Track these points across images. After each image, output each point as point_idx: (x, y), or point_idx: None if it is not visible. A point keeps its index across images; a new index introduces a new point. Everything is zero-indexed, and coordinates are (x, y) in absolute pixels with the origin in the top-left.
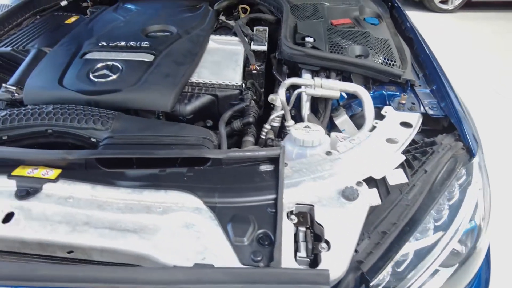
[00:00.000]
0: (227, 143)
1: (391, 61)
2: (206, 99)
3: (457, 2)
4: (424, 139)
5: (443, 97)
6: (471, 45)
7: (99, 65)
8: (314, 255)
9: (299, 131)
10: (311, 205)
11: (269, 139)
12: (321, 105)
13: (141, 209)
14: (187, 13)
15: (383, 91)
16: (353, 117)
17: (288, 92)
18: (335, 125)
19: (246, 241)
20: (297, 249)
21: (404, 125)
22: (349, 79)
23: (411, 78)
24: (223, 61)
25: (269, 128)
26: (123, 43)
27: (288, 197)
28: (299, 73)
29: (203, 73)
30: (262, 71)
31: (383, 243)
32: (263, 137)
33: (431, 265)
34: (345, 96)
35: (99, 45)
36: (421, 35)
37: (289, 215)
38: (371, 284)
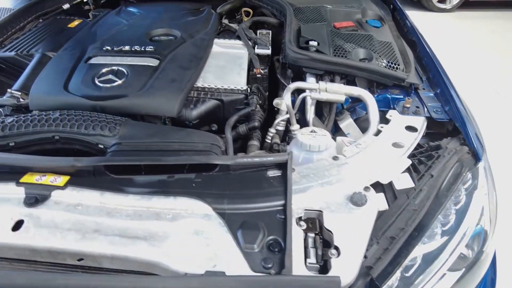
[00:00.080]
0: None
1: (394, 64)
2: (211, 104)
3: (455, 1)
4: (429, 143)
5: (447, 101)
6: (470, 45)
7: (104, 70)
8: (323, 261)
9: (305, 135)
10: (320, 211)
11: (275, 143)
12: (325, 109)
13: (150, 216)
14: (190, 17)
15: (387, 95)
16: (357, 120)
17: (292, 96)
18: (339, 128)
19: (256, 248)
20: (306, 255)
21: (409, 129)
22: (353, 82)
23: (415, 81)
24: (228, 65)
25: (274, 132)
26: (127, 48)
27: (296, 203)
28: (304, 77)
29: (208, 78)
30: (266, 75)
31: (391, 248)
32: (268, 141)
33: (439, 270)
34: (349, 99)
35: (104, 49)
36: (424, 38)
37: (298, 221)
38: None
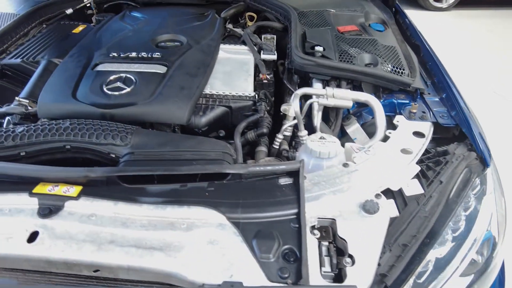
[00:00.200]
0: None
1: (400, 69)
2: (220, 110)
3: (451, 0)
4: (436, 148)
5: (453, 106)
6: (468, 44)
7: (112, 77)
8: (338, 270)
9: (315, 142)
10: (333, 219)
11: (284, 150)
12: (332, 114)
13: (165, 226)
14: (195, 22)
15: (393, 100)
16: (364, 125)
17: (299, 101)
18: (345, 133)
19: (272, 257)
20: (321, 264)
21: (416, 134)
22: (359, 87)
23: (420, 86)
24: (234, 71)
25: (281, 138)
26: (134, 54)
27: (309, 211)
28: (310, 82)
29: (216, 84)
30: (272, 81)
31: (404, 256)
32: (275, 147)
33: (451, 276)
34: (355, 104)
35: (110, 56)
36: (427, 42)
37: (311, 229)
38: None
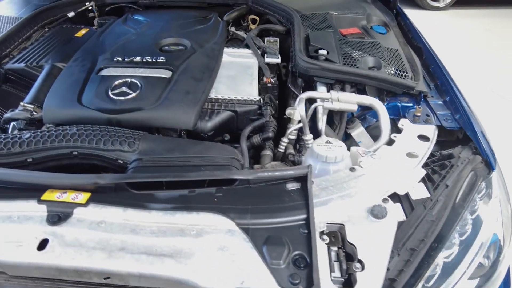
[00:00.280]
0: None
1: (403, 72)
2: (225, 115)
3: None
4: (441, 152)
5: (456, 109)
6: (465, 43)
7: (117, 82)
8: (347, 275)
9: (321, 146)
10: (342, 224)
11: (290, 154)
12: (336, 117)
13: (175, 232)
14: (198, 25)
15: (397, 103)
16: (368, 128)
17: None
18: (349, 136)
19: (282, 263)
20: (331, 269)
21: (421, 138)
22: (363, 91)
23: (423, 89)
24: (239, 75)
25: (287, 142)
26: (138, 58)
27: (318, 216)
28: (314, 86)
29: (221, 89)
30: (276, 84)
31: (413, 260)
32: (281, 151)
33: (459, 280)
34: (359, 107)
35: (114, 60)
36: (429, 44)
37: (320, 235)
38: None
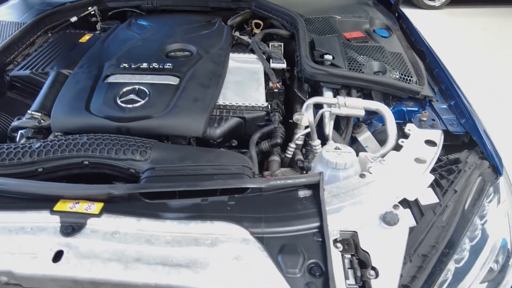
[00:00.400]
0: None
1: (408, 76)
2: (234, 121)
3: None
4: (447, 156)
5: (462, 113)
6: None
7: (125, 90)
8: (362, 282)
9: (330, 153)
10: (355, 231)
11: (299, 160)
12: (343, 122)
13: (189, 242)
14: (202, 30)
15: (402, 107)
16: (374, 132)
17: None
18: (355, 140)
19: (298, 272)
20: (345, 276)
21: (428, 143)
22: (369, 96)
23: (428, 94)
24: (245, 81)
25: (294, 147)
26: (145, 65)
27: (331, 224)
28: (320, 91)
29: (228, 95)
30: (282, 89)
31: (426, 266)
32: (288, 156)
33: (471, 285)
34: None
35: (121, 67)
36: (431, 47)
37: (334, 242)
38: None
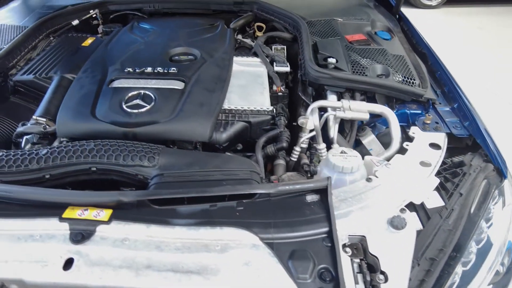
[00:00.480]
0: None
1: (410, 79)
2: (239, 126)
3: None
4: (452, 159)
5: (465, 116)
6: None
7: (131, 94)
8: (371, 286)
9: (336, 157)
10: (363, 236)
11: (305, 164)
12: (347, 125)
13: (199, 248)
14: (205, 34)
15: (406, 110)
16: (378, 135)
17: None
18: (359, 143)
19: (309, 278)
20: (355, 281)
21: (433, 146)
22: (373, 99)
23: (431, 96)
24: (250, 85)
25: (299, 150)
26: (149, 69)
27: (340, 229)
28: (324, 94)
29: (233, 99)
30: (287, 93)
31: (434, 270)
32: (293, 160)
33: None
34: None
35: (125, 71)
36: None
37: (343, 247)
38: None
